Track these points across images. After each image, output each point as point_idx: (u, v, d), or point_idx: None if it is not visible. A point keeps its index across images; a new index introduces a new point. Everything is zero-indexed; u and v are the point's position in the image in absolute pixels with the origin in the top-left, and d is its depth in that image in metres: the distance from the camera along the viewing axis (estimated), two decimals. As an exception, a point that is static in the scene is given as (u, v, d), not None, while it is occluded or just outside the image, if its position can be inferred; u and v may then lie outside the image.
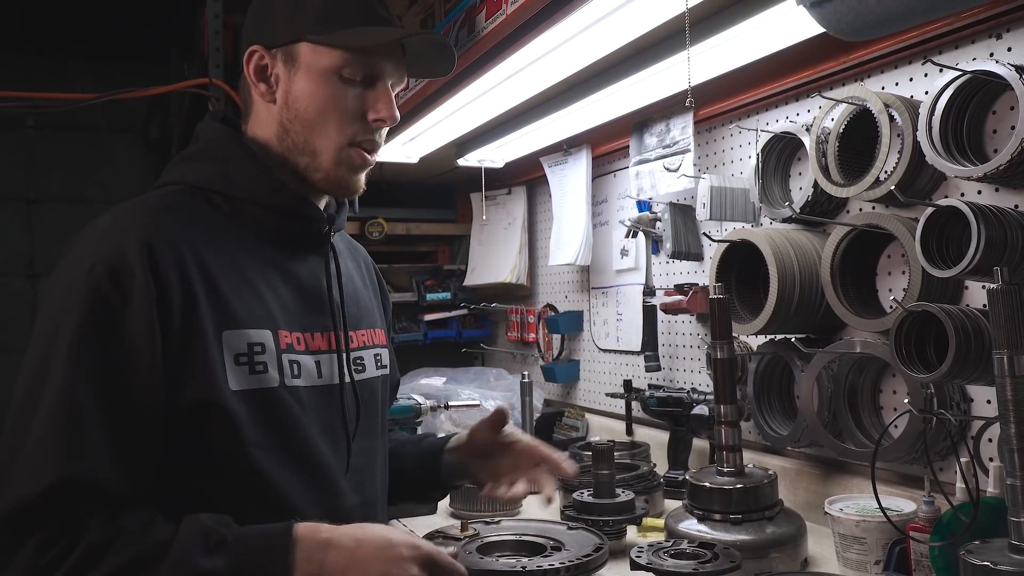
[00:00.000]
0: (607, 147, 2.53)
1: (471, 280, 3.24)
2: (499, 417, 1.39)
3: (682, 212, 2.15)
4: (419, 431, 2.14)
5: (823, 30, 1.02)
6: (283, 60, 1.19)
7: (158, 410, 1.05)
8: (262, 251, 1.20)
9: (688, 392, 2.04)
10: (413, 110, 2.16)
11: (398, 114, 1.21)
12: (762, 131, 1.85)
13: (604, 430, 2.53)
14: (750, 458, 1.69)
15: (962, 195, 1.51)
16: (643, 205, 2.32)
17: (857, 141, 1.62)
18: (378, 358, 1.37)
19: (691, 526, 1.47)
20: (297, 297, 1.22)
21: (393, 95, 1.22)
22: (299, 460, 1.16)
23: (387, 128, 1.23)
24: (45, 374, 1.01)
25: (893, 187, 1.47)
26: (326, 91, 1.17)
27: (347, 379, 1.26)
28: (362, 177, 1.24)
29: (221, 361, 1.09)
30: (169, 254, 1.07)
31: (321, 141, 1.19)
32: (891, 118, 1.52)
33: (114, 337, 1.03)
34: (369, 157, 1.22)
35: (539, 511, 1.59)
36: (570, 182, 2.67)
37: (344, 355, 1.26)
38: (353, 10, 1.19)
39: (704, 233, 2.14)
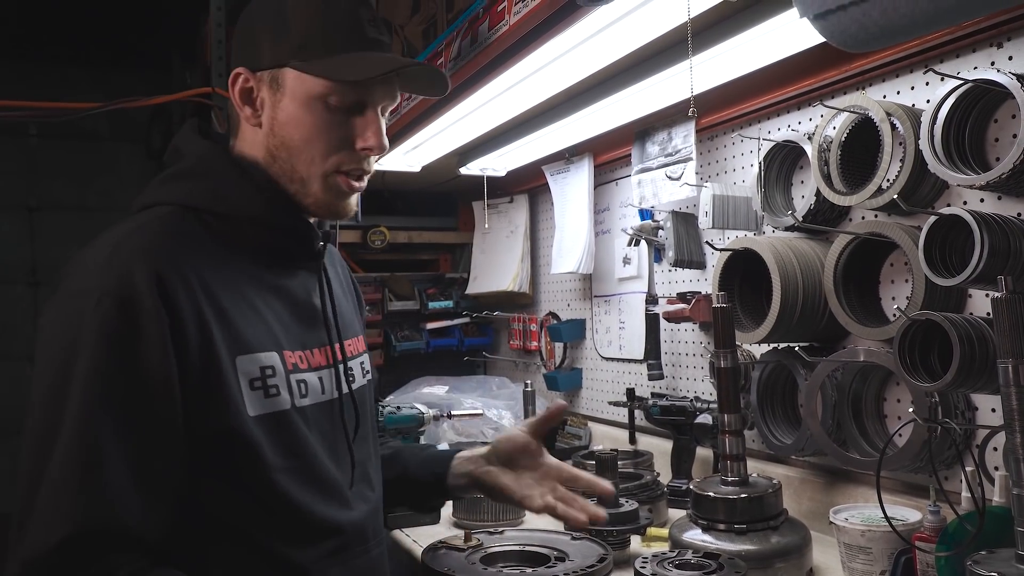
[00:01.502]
0: (609, 155, 2.53)
1: (473, 288, 3.24)
2: (555, 412, 1.38)
3: (684, 220, 2.15)
4: (422, 440, 2.14)
5: (824, 40, 1.02)
6: (268, 84, 1.16)
7: (180, 443, 1.02)
8: (256, 270, 1.17)
9: (691, 401, 2.04)
10: (415, 120, 2.17)
11: (387, 142, 1.18)
12: (764, 139, 1.85)
13: (607, 439, 2.52)
14: (754, 467, 1.69)
15: (964, 203, 1.51)
16: (645, 213, 2.32)
17: (859, 150, 1.63)
18: (363, 366, 1.37)
19: (695, 536, 1.47)
20: (293, 315, 1.20)
21: (384, 119, 1.19)
22: (313, 478, 1.15)
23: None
24: (59, 414, 0.97)
25: (895, 195, 1.47)
26: (312, 119, 1.14)
27: (344, 391, 1.25)
28: (352, 201, 1.21)
29: (238, 387, 1.06)
30: (178, 281, 1.04)
31: (307, 169, 1.16)
32: (893, 127, 1.52)
33: (129, 371, 0.99)
34: (356, 184, 1.19)
35: (541, 522, 1.59)
36: (572, 190, 2.67)
37: (340, 367, 1.25)
38: (341, 33, 1.15)
39: (707, 241, 2.14)
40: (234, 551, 1.07)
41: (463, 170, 2.77)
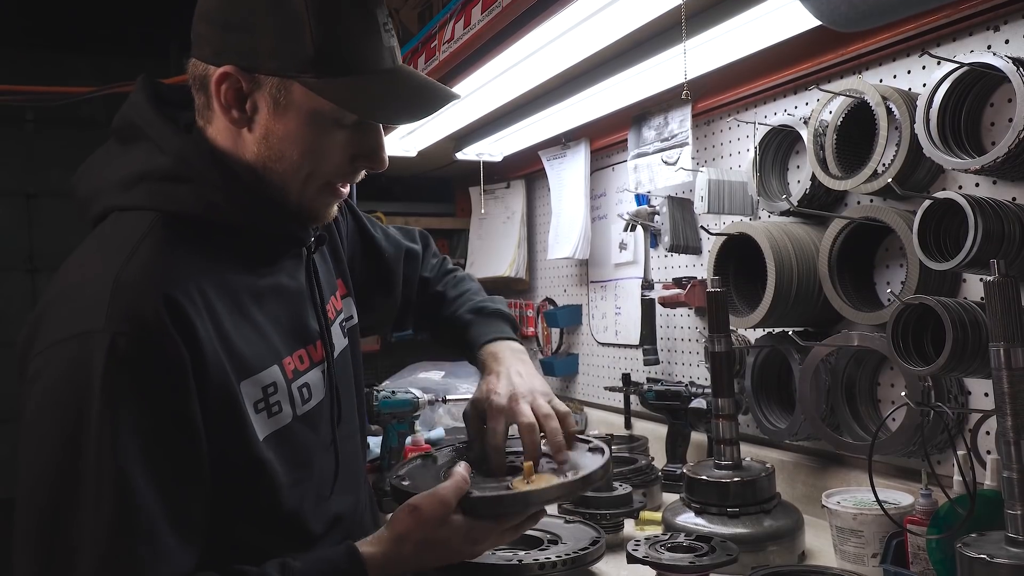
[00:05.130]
0: (605, 140, 2.52)
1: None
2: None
3: (680, 205, 2.15)
4: (416, 425, 2.14)
5: (820, 23, 1.01)
6: (268, 93, 1.02)
7: (208, 482, 0.98)
8: (247, 275, 1.08)
9: (686, 386, 2.04)
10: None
11: (387, 160, 1.12)
12: (760, 124, 1.84)
13: (603, 424, 2.53)
14: (748, 451, 1.69)
15: (960, 188, 1.50)
16: (641, 199, 2.32)
17: (855, 134, 1.62)
18: (343, 325, 1.30)
19: (688, 519, 1.47)
20: (288, 310, 1.13)
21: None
22: (315, 483, 1.13)
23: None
24: (76, 475, 0.87)
25: (891, 180, 1.46)
26: (316, 137, 1.04)
27: (332, 377, 1.19)
28: (335, 208, 1.16)
29: (247, 413, 1.01)
30: (190, 308, 0.95)
31: (301, 185, 1.08)
32: (889, 111, 1.51)
33: (159, 422, 0.91)
34: (345, 190, 1.13)
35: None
36: (568, 176, 2.66)
37: (330, 358, 1.18)
38: (361, 46, 1.03)
39: (702, 226, 2.13)
40: (234, 556, 1.03)
41: (459, 155, 2.77)
